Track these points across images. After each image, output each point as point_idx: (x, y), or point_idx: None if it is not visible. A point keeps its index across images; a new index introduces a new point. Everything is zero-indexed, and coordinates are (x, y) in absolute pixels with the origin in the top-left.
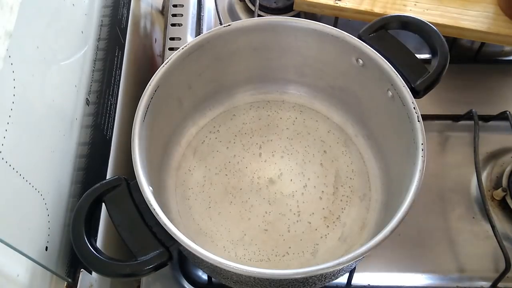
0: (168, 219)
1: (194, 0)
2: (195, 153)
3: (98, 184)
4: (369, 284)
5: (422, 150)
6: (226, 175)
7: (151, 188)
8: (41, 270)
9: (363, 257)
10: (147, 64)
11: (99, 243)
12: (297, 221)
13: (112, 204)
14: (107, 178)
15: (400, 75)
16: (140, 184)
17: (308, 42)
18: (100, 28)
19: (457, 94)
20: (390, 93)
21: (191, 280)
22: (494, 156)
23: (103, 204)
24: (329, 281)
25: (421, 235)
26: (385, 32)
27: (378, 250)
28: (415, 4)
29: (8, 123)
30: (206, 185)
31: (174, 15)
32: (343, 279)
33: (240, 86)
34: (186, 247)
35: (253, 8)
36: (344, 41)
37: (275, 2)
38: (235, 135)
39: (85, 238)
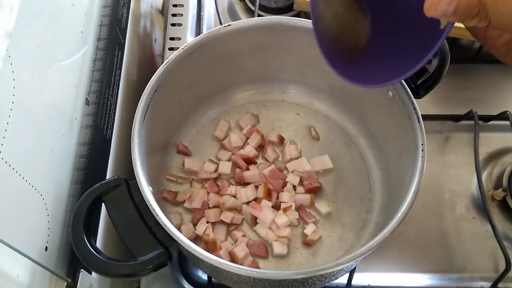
0: (168, 219)
1: (194, 0)
2: (195, 153)
3: (97, 184)
4: (369, 285)
5: (422, 150)
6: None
7: (151, 188)
8: (41, 270)
9: (363, 257)
10: (147, 64)
11: (99, 243)
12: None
13: (111, 204)
14: (107, 178)
15: None
16: (140, 184)
17: (308, 42)
18: (100, 28)
19: (457, 94)
20: (390, 93)
21: (191, 280)
22: (494, 156)
23: (103, 204)
24: (329, 281)
25: (421, 235)
26: None
27: (378, 250)
28: None
29: (8, 123)
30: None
31: (174, 15)
32: (343, 279)
33: (240, 86)
34: (186, 247)
35: (253, 8)
36: None
37: (275, 2)
38: None
39: (85, 238)
